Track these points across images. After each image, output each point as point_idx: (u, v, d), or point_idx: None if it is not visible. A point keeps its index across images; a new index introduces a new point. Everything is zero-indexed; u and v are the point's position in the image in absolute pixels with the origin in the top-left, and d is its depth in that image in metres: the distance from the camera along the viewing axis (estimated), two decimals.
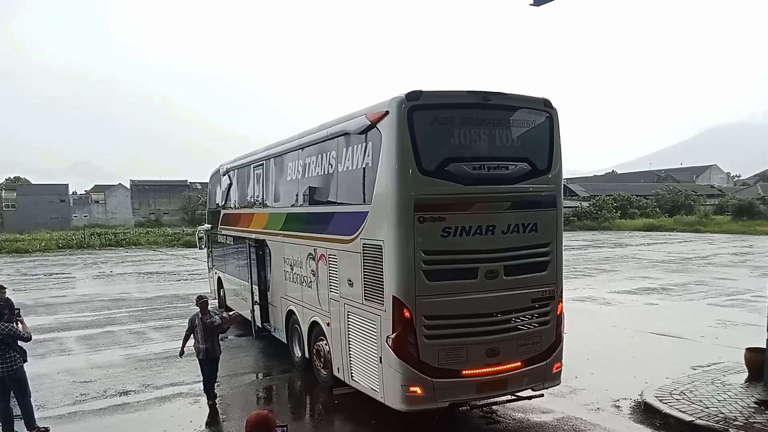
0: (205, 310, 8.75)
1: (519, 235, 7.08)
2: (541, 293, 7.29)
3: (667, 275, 21.75)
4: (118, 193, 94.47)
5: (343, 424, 8.12)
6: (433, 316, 6.72)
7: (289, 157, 10.21)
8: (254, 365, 11.12)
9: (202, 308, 8.73)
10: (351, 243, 7.56)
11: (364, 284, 7.30)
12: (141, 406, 8.77)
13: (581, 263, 26.07)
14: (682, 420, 7.20)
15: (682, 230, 48.09)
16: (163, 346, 12.45)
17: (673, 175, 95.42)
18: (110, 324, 15.09)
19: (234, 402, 9.13)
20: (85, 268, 30.56)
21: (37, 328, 12.71)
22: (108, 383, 9.83)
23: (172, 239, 47.41)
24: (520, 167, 7.13)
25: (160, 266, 30.36)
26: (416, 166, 6.61)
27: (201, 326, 8.66)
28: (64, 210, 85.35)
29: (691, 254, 29.53)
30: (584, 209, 59.68)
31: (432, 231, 6.64)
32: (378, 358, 7.01)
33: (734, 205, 56.30)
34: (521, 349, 7.15)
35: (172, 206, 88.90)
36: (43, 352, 11.84)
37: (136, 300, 19.16)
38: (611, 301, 16.71)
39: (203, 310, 8.72)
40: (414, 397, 6.71)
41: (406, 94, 6.66)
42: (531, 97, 7.41)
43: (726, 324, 13.22)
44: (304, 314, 9.47)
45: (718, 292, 17.80)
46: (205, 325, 8.64)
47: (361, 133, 7.39)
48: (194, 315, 8.79)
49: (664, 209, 62.31)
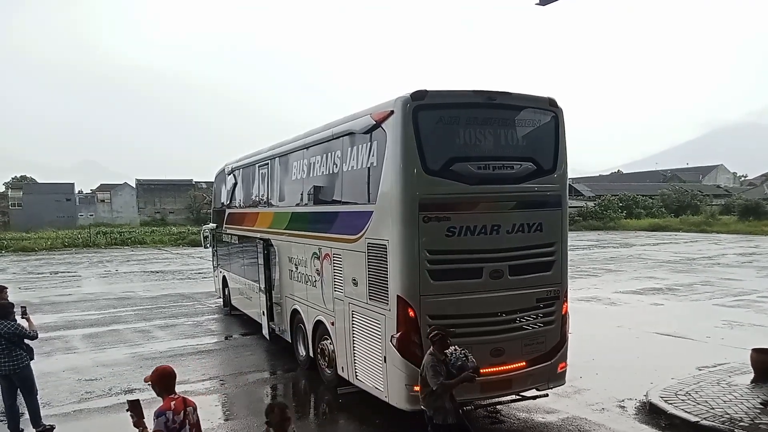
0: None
1: (524, 235, 7.07)
2: (545, 293, 7.27)
3: (672, 275, 21.67)
4: (123, 192, 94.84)
5: (348, 423, 8.12)
6: (438, 316, 6.70)
7: (293, 157, 10.23)
8: (259, 364, 11.13)
9: None
10: (356, 242, 7.56)
11: (368, 284, 7.30)
12: (146, 404, 8.70)
13: (586, 263, 26.02)
14: (688, 421, 7.17)
15: (688, 230, 47.91)
16: (168, 344, 12.48)
17: (679, 175, 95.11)
18: (115, 322, 15.15)
19: (239, 401, 9.14)
20: (91, 266, 30.70)
21: (43, 327, 12.75)
22: (113, 381, 9.87)
23: (177, 238, 47.64)
24: (525, 167, 7.12)
25: (165, 265, 30.47)
26: (421, 165, 6.61)
27: None
28: (70, 209, 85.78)
29: (697, 254, 29.41)
30: (590, 209, 59.56)
31: (437, 230, 6.63)
32: (382, 357, 7.02)
33: (741, 205, 56.02)
34: (526, 349, 7.14)
35: (178, 205, 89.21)
36: (49, 350, 11.89)
37: (141, 298, 19.23)
38: (616, 301, 16.65)
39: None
40: (418, 396, 6.71)
41: (411, 94, 6.66)
42: (536, 97, 7.40)
43: (732, 324, 13.16)
44: (309, 313, 9.47)
45: (724, 292, 17.71)
46: None
47: (366, 133, 7.39)
48: None
49: (670, 209, 62.13)
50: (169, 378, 4.43)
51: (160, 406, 4.27)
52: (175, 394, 4.39)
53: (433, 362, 5.60)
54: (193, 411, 4.41)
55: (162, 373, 4.42)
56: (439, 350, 5.67)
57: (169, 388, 4.39)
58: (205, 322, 14.95)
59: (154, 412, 4.22)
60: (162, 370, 4.45)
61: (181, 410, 4.28)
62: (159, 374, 4.41)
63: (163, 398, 4.35)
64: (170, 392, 4.39)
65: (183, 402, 4.35)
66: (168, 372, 4.45)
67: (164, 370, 4.47)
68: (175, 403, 4.30)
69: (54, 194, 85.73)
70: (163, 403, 4.30)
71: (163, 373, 4.42)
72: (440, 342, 5.68)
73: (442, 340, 5.69)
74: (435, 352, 5.67)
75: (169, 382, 4.42)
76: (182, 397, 4.41)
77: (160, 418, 4.18)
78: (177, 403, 4.31)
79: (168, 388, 4.39)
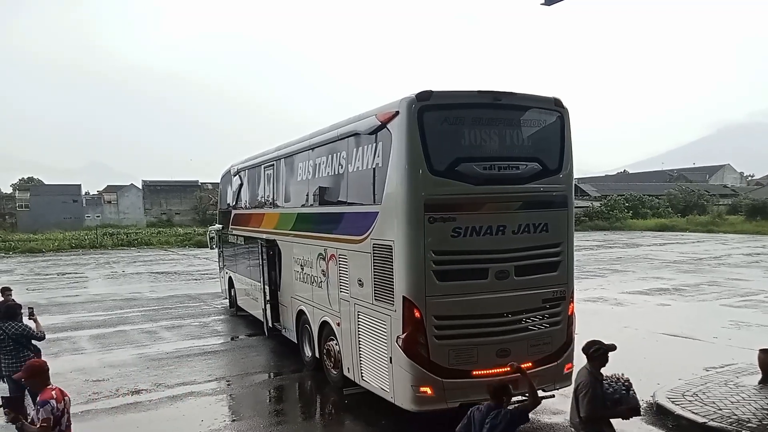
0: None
1: (530, 236, 7.05)
2: (552, 293, 7.26)
3: (679, 276, 21.57)
4: (130, 193, 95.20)
5: (353, 424, 8.12)
6: (444, 317, 6.71)
7: (299, 158, 10.24)
8: (265, 365, 11.15)
9: None
10: (361, 243, 7.56)
11: (374, 284, 7.31)
12: (153, 405, 8.83)
13: (593, 263, 25.92)
14: (695, 422, 7.14)
15: (694, 230, 47.67)
16: (174, 345, 12.52)
17: (685, 175, 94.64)
18: (122, 323, 15.20)
19: (245, 401, 9.16)
20: (98, 267, 30.81)
21: (50, 327, 12.80)
22: (120, 382, 9.90)
23: (183, 239, 47.76)
24: (531, 167, 7.11)
25: (171, 266, 30.55)
26: (426, 166, 6.61)
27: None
28: (77, 210, 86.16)
29: (703, 254, 29.27)
30: (596, 209, 59.32)
31: (442, 231, 6.63)
32: (388, 358, 7.01)
33: (748, 205, 55.67)
34: (532, 350, 7.12)
35: (184, 206, 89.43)
36: (56, 351, 11.94)
37: (147, 299, 19.30)
38: (623, 301, 16.59)
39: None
40: (424, 397, 6.71)
41: (417, 95, 6.66)
42: (542, 97, 7.38)
43: (739, 325, 13.09)
44: (315, 314, 9.49)
45: (731, 292, 17.62)
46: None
47: (372, 134, 7.39)
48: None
49: (677, 209, 61.83)
50: (46, 371, 4.85)
51: (42, 395, 4.65)
52: (51, 385, 4.81)
53: (593, 382, 5.00)
54: (69, 402, 4.86)
55: (38, 368, 4.85)
56: (597, 368, 5.08)
57: (46, 381, 4.81)
58: (212, 323, 14.98)
59: (37, 402, 4.65)
60: (36, 365, 4.91)
61: (62, 399, 4.70)
62: (34, 369, 4.84)
63: (42, 390, 4.73)
64: (48, 384, 4.80)
65: (61, 392, 4.78)
66: (42, 366, 4.89)
67: (38, 365, 4.92)
68: (56, 392, 4.70)
69: (61, 196, 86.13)
70: (45, 393, 4.67)
71: (40, 368, 4.85)
72: (600, 359, 5.07)
73: (602, 357, 5.06)
74: (593, 370, 5.07)
75: (46, 375, 4.84)
76: (59, 388, 4.84)
77: (46, 406, 4.53)
78: (57, 392, 4.71)
79: (45, 380, 4.81)
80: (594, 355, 5.07)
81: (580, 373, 5.21)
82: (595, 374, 5.05)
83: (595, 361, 5.07)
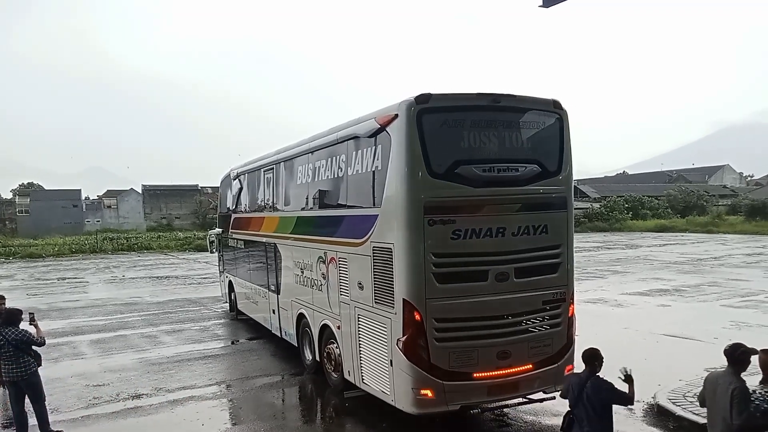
0: None
1: (529, 237, 7.06)
2: (552, 295, 7.26)
3: (679, 276, 21.58)
4: (130, 197, 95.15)
5: (354, 427, 8.12)
6: (444, 319, 6.71)
7: (299, 161, 10.25)
8: (265, 368, 11.14)
9: None
10: (361, 246, 7.57)
11: (374, 287, 7.30)
12: (153, 409, 8.82)
13: (592, 265, 25.93)
14: (696, 423, 7.11)
15: (694, 231, 47.68)
16: (175, 349, 12.51)
17: (684, 176, 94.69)
18: (123, 328, 15.18)
19: (245, 405, 9.15)
20: (98, 272, 30.81)
21: (50, 333, 12.78)
22: (121, 387, 9.89)
23: (183, 243, 47.73)
24: (531, 169, 7.11)
25: (171, 270, 30.54)
26: (426, 168, 6.61)
27: None
28: (77, 215, 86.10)
29: (703, 255, 29.27)
30: (595, 210, 59.36)
31: (442, 233, 6.63)
32: (389, 361, 7.01)
33: (747, 205, 55.73)
34: (532, 352, 7.13)
35: (184, 210, 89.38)
36: (56, 356, 11.93)
37: (148, 304, 19.28)
38: (623, 302, 16.59)
39: None
40: (425, 400, 6.70)
41: (416, 97, 6.67)
42: (541, 99, 7.39)
43: (740, 325, 13.08)
44: (315, 317, 9.48)
45: (731, 293, 17.62)
46: None
47: (371, 137, 7.40)
48: None
49: (676, 210, 61.85)
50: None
51: None
52: None
53: (745, 387, 4.73)
54: None
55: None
56: (740, 372, 4.81)
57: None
58: (212, 327, 14.97)
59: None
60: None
61: None
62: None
63: None
64: None
65: None
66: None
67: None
68: None
69: (61, 201, 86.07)
70: None
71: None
72: (747, 362, 4.88)
73: (748, 360, 4.81)
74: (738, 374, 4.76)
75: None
76: None
77: None
78: None
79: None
80: (741, 359, 4.80)
81: (722, 375, 4.87)
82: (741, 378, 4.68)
83: (739, 366, 4.79)
